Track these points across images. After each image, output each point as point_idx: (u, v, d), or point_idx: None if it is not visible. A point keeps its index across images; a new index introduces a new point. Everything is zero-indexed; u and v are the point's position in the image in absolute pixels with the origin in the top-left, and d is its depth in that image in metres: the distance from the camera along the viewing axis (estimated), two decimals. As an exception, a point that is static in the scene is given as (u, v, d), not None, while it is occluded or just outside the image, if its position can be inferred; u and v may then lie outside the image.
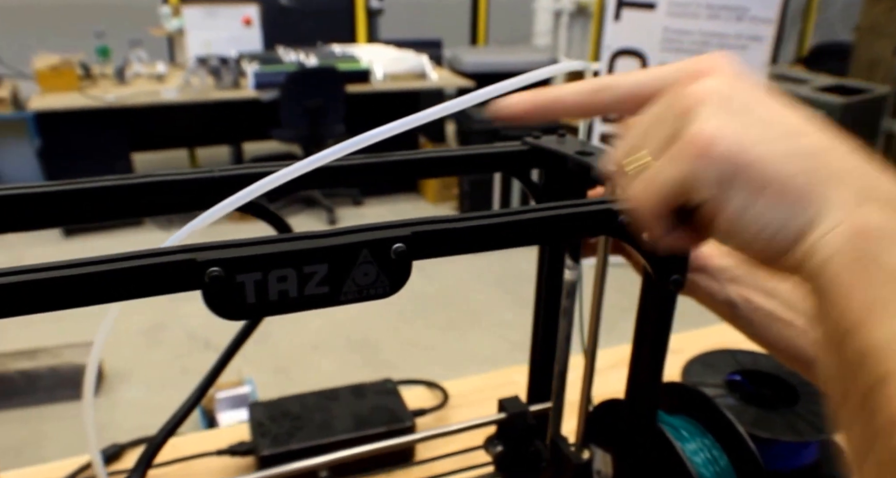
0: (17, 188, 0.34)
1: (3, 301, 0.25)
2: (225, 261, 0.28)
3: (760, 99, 0.27)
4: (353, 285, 0.31)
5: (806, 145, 0.26)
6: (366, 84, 3.37)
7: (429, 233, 0.31)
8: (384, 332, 2.47)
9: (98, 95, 2.97)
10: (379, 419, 0.74)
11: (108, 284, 0.27)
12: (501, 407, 0.53)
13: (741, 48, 2.50)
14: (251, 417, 0.75)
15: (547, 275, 0.50)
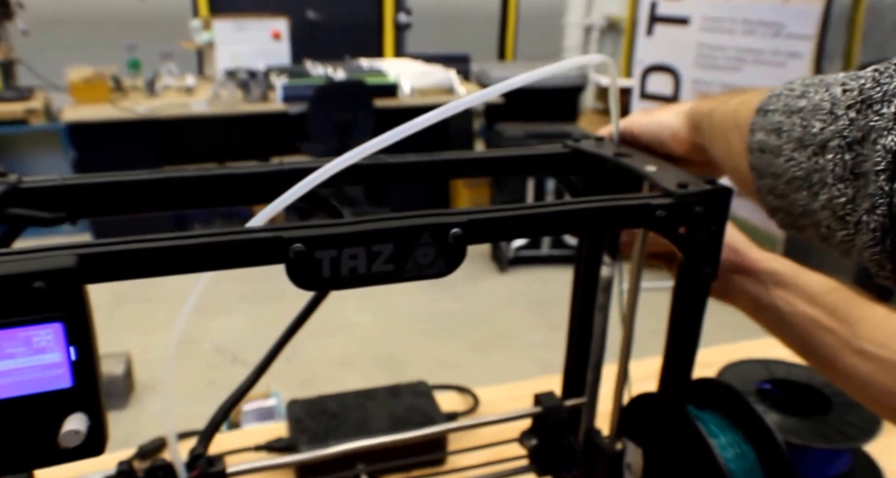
0: (115, 176, 0.40)
1: (120, 265, 0.31)
2: (306, 238, 0.33)
3: None
4: (414, 264, 0.36)
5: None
6: (393, 98, 3.46)
7: (483, 220, 0.36)
8: (412, 350, 2.51)
9: (129, 107, 3.10)
10: (414, 419, 0.78)
11: (208, 255, 0.32)
12: (537, 401, 0.57)
13: (778, 65, 2.52)
14: (289, 414, 0.80)
15: (584, 271, 0.54)
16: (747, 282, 0.49)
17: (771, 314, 0.49)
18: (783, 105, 0.35)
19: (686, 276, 0.43)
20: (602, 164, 0.48)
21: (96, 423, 0.31)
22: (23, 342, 0.29)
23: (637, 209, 0.39)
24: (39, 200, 0.40)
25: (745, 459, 0.53)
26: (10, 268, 0.28)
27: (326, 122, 3.20)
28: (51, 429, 0.31)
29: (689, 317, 0.44)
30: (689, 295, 0.44)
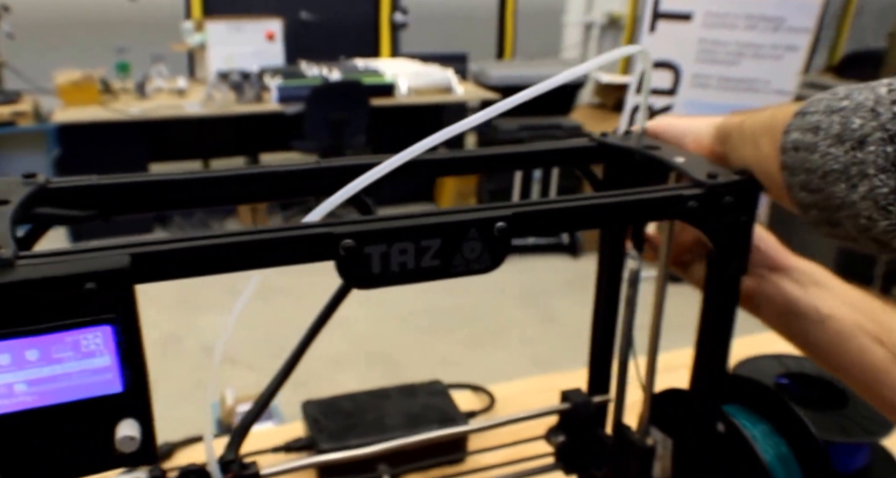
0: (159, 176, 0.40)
1: (171, 264, 0.31)
2: (357, 234, 0.33)
3: None
4: (461, 259, 0.36)
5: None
6: (390, 98, 3.46)
7: (527, 213, 0.37)
8: (406, 347, 2.51)
9: (121, 109, 3.09)
10: (432, 418, 0.79)
11: (260, 253, 0.32)
12: (565, 397, 0.57)
13: (775, 58, 2.54)
14: (305, 414, 0.80)
15: (607, 266, 0.55)
16: (782, 280, 0.48)
17: (806, 318, 0.46)
18: (824, 106, 0.36)
19: (716, 268, 0.43)
20: (628, 156, 0.48)
21: (147, 429, 0.31)
22: (71, 346, 0.29)
23: (669, 200, 0.40)
24: (67, 200, 0.40)
25: (780, 451, 0.53)
26: (63, 269, 0.28)
27: (322, 120, 3.21)
28: (103, 435, 0.31)
29: (721, 310, 0.45)
30: (720, 287, 0.44)
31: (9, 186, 0.37)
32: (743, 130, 0.43)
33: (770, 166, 0.39)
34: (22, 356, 0.28)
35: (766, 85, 2.53)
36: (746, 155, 0.41)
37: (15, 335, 0.28)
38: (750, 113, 0.44)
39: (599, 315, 0.57)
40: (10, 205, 0.34)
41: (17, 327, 0.28)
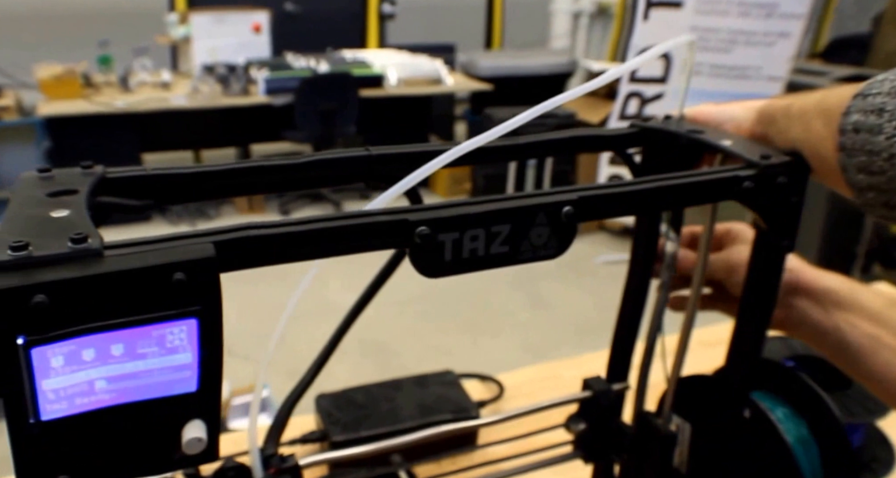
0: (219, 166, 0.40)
1: (253, 252, 0.31)
2: (431, 221, 0.33)
3: None
4: (529, 245, 0.36)
5: None
6: (379, 89, 3.45)
7: (593, 197, 0.37)
8: (397, 334, 2.51)
9: (106, 102, 3.05)
10: (444, 408, 0.79)
11: (338, 240, 0.32)
12: (586, 385, 0.58)
13: (768, 45, 2.57)
14: (318, 407, 0.80)
15: (643, 251, 0.55)
16: (808, 306, 0.50)
17: (833, 338, 0.49)
18: (889, 88, 0.37)
19: (763, 248, 0.44)
20: (672, 140, 0.49)
21: (213, 430, 0.30)
22: (156, 341, 0.28)
23: (727, 182, 0.40)
24: (123, 190, 0.39)
25: (801, 433, 0.53)
26: (151, 259, 0.28)
27: (312, 112, 3.19)
28: (170, 436, 0.30)
29: (765, 290, 0.46)
30: (766, 268, 0.45)
31: (71, 177, 0.37)
32: (790, 113, 0.43)
33: (822, 148, 0.40)
34: (107, 351, 0.27)
35: (758, 71, 2.55)
36: (795, 137, 0.42)
37: (104, 329, 0.27)
38: (796, 96, 0.44)
39: (628, 302, 0.58)
40: (79, 194, 0.34)
41: (104, 320, 0.27)
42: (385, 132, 3.54)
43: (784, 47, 2.55)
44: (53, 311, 0.26)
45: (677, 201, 0.40)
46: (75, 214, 0.31)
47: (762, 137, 0.46)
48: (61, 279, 0.26)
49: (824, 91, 0.42)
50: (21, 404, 0.26)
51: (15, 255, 0.26)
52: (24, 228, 0.29)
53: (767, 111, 0.46)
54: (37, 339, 0.25)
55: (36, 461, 0.27)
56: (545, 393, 0.60)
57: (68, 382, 0.26)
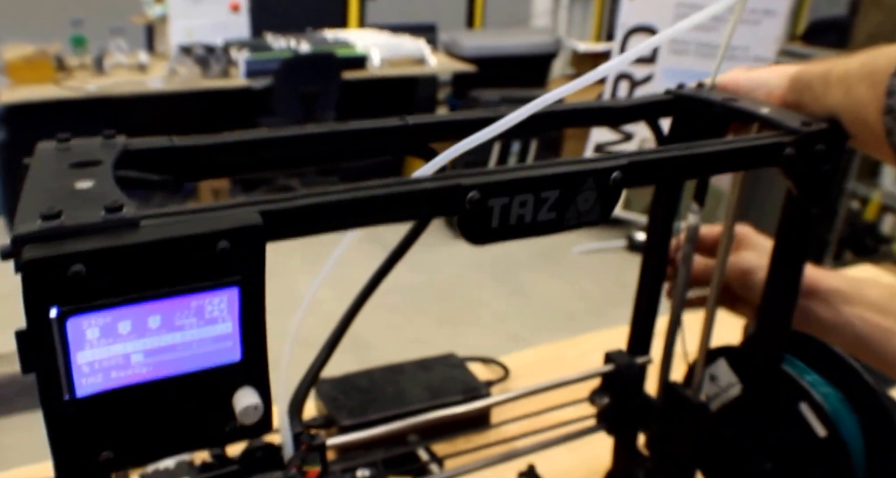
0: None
1: (300, 221, 0.29)
2: (483, 185, 0.32)
3: None
4: (575, 211, 0.35)
5: None
6: (362, 70, 3.40)
7: (642, 162, 0.36)
8: (378, 327, 2.49)
9: (78, 86, 2.96)
10: (453, 389, 0.78)
11: (390, 207, 0.31)
12: (608, 359, 0.58)
13: (754, 23, 2.57)
14: (319, 393, 0.79)
15: (661, 223, 0.54)
16: (816, 306, 0.51)
17: (845, 333, 0.51)
18: None
19: (795, 216, 0.44)
20: (706, 108, 0.48)
21: (265, 398, 0.29)
22: (195, 312, 0.27)
23: (769, 148, 0.40)
24: (145, 163, 0.38)
25: (834, 398, 0.53)
26: (198, 226, 0.26)
27: (292, 95, 3.13)
28: (219, 407, 0.29)
29: (794, 258, 0.45)
30: (797, 235, 0.45)
31: (90, 147, 0.35)
32: (829, 78, 0.42)
33: (866, 112, 0.39)
34: (144, 323, 0.26)
35: (746, 52, 2.55)
36: (834, 102, 0.41)
37: (140, 300, 0.26)
38: (833, 61, 0.44)
39: (647, 275, 0.57)
40: (104, 165, 0.32)
41: (141, 291, 0.26)
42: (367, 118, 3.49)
43: (770, 26, 2.55)
44: (90, 281, 0.24)
45: (722, 167, 0.40)
46: (102, 184, 0.30)
47: (795, 103, 0.45)
48: (100, 249, 0.25)
49: (867, 53, 0.41)
50: (55, 379, 0.25)
51: (47, 224, 0.25)
52: (48, 199, 0.27)
53: (802, 77, 0.45)
54: (72, 309, 0.24)
55: (73, 440, 0.26)
56: (552, 373, 0.59)
57: (104, 354, 0.25)
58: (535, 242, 3.29)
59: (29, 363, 0.24)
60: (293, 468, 0.40)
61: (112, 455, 0.27)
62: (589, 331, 1.00)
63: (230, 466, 0.42)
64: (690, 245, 0.53)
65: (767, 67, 0.49)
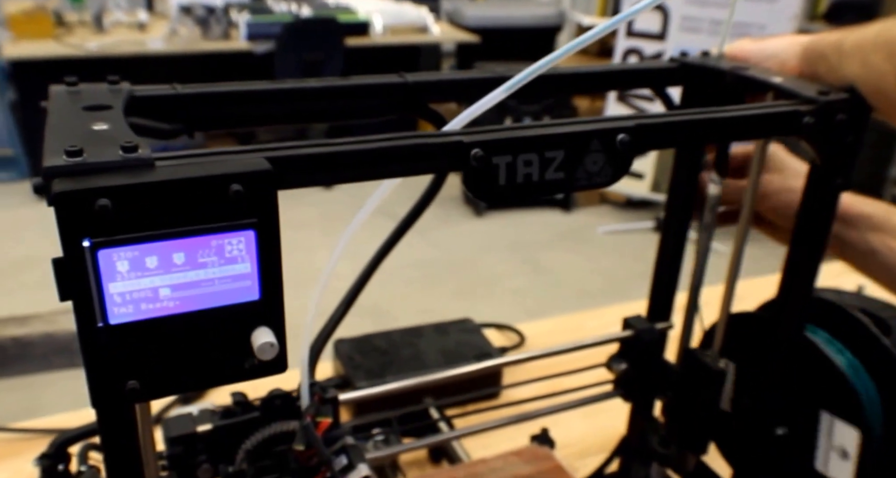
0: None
1: (309, 169, 0.30)
2: (485, 143, 0.33)
3: None
4: (584, 172, 0.36)
5: None
6: (365, 37, 3.37)
7: (649, 126, 0.36)
8: (395, 299, 2.52)
9: (78, 43, 2.93)
10: (468, 353, 0.80)
11: (394, 160, 0.32)
12: (627, 325, 0.59)
13: (770, 0, 2.54)
14: (338, 352, 0.80)
15: (682, 192, 0.55)
16: (842, 229, 0.52)
17: (871, 259, 0.51)
18: None
19: (818, 186, 0.44)
20: (717, 77, 0.48)
21: (281, 338, 0.31)
22: (215, 251, 0.28)
23: (786, 116, 0.40)
24: (151, 111, 0.38)
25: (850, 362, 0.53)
26: (211, 169, 0.27)
27: (294, 61, 3.10)
28: (239, 344, 0.30)
29: (817, 227, 0.46)
30: (819, 205, 0.45)
31: (99, 92, 0.35)
32: (843, 48, 0.42)
33: (884, 83, 0.39)
34: (169, 259, 0.27)
35: (761, 30, 2.53)
36: (850, 73, 0.42)
37: (164, 237, 0.27)
38: (847, 31, 0.43)
39: (668, 241, 0.57)
40: (115, 109, 0.33)
41: (165, 229, 0.27)
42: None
43: (788, 3, 2.52)
44: (116, 216, 0.26)
45: (735, 135, 0.40)
46: (116, 127, 0.31)
47: (810, 74, 0.45)
48: (122, 185, 0.26)
49: (882, 23, 0.41)
50: (89, 306, 0.26)
51: (71, 160, 0.26)
52: (69, 139, 0.28)
53: (815, 47, 0.45)
54: (103, 241, 0.26)
55: (105, 366, 0.28)
56: (569, 341, 0.58)
57: (134, 286, 0.27)
58: (560, 223, 3.29)
59: (66, 291, 0.26)
60: (308, 417, 0.42)
61: (138, 385, 0.28)
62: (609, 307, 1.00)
63: (251, 413, 0.43)
64: (711, 214, 0.53)
65: (776, 37, 0.49)
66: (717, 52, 0.51)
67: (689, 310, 0.56)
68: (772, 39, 0.49)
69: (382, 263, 0.50)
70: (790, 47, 0.47)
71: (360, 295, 0.49)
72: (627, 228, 3.18)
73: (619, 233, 3.15)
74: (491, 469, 0.61)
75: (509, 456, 0.63)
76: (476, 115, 0.33)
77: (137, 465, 0.32)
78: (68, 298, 0.26)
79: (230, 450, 0.45)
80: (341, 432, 0.45)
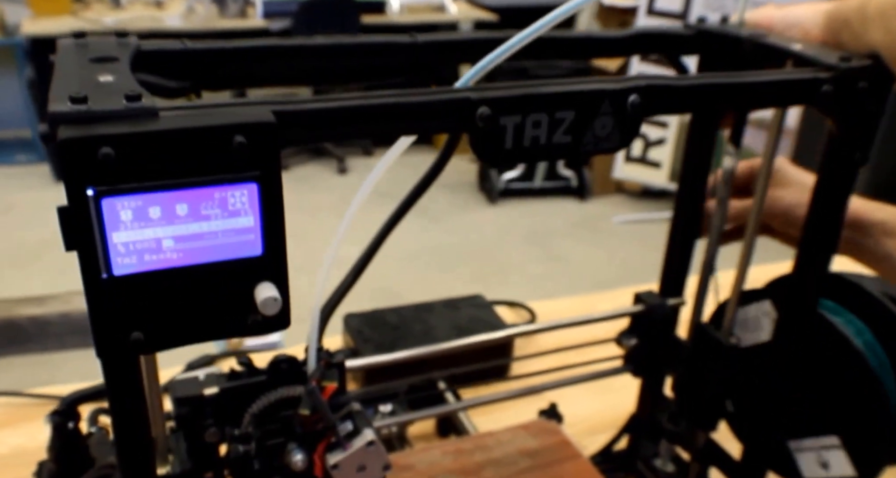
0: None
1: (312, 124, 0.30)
2: (493, 101, 0.32)
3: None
4: (592, 136, 0.35)
5: None
6: (381, 15, 3.35)
7: (661, 87, 0.36)
8: (409, 285, 2.53)
9: (95, 19, 2.95)
10: (478, 329, 0.80)
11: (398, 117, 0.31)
12: (638, 299, 0.58)
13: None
14: (348, 326, 0.81)
15: (695, 163, 0.54)
16: (857, 236, 0.52)
17: (887, 265, 0.51)
18: None
19: (836, 159, 0.43)
20: (734, 45, 0.47)
21: (284, 294, 0.31)
22: (218, 203, 0.28)
23: (804, 84, 0.39)
24: (159, 67, 0.38)
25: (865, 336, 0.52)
26: (215, 119, 0.27)
27: (311, 40, 3.10)
28: (242, 300, 0.30)
29: (833, 203, 0.45)
30: (839, 176, 0.44)
31: (106, 45, 0.35)
32: (867, 14, 0.42)
33: None
34: (172, 210, 0.27)
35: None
36: (874, 40, 0.41)
37: (168, 188, 0.27)
38: None
39: (681, 215, 0.57)
40: (121, 62, 0.33)
41: (168, 179, 0.27)
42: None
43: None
44: (119, 164, 0.26)
45: (751, 102, 0.39)
46: (122, 78, 0.31)
47: (834, 43, 0.44)
48: (125, 133, 0.26)
49: None
50: (94, 257, 0.26)
51: (76, 107, 0.26)
52: (75, 88, 0.28)
53: (838, 14, 0.44)
54: (106, 190, 0.26)
55: (109, 317, 0.28)
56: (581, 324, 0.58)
57: (137, 237, 0.27)
58: (576, 212, 3.27)
59: (71, 241, 0.26)
60: (313, 381, 0.42)
61: (142, 337, 0.28)
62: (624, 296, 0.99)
63: (257, 376, 0.44)
64: (727, 187, 0.53)
65: (800, 4, 0.48)
66: (737, 18, 0.50)
67: (702, 283, 0.56)
68: (795, 7, 0.48)
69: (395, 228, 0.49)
70: (814, 15, 0.46)
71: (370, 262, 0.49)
72: (643, 218, 3.15)
73: (636, 223, 3.13)
74: (498, 442, 0.61)
75: (517, 429, 0.63)
76: (482, 74, 0.33)
77: (143, 419, 0.32)
78: (73, 248, 0.27)
79: (236, 414, 0.46)
80: (348, 398, 0.46)
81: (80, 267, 0.27)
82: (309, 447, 0.42)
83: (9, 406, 0.75)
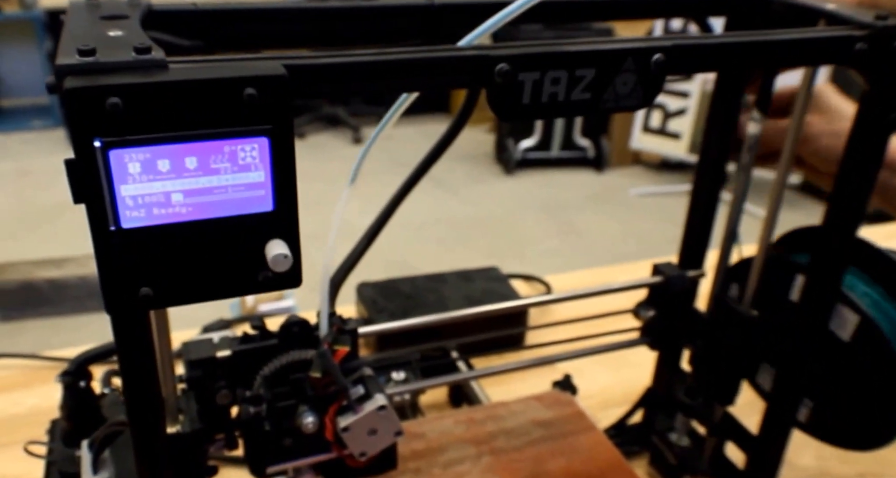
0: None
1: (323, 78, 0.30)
2: (513, 57, 0.32)
3: None
4: (613, 94, 0.35)
5: None
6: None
7: (687, 47, 0.35)
8: (424, 256, 2.53)
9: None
10: (492, 301, 0.80)
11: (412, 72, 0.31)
12: (657, 271, 0.58)
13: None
14: (361, 295, 0.81)
15: (719, 130, 0.53)
16: (890, 176, 0.50)
17: None
18: None
19: (868, 120, 0.42)
20: (764, 5, 0.46)
21: (295, 251, 0.31)
22: (228, 157, 0.28)
23: (837, 41, 0.38)
24: (170, 27, 0.38)
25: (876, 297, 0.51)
26: (225, 72, 0.27)
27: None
28: (253, 256, 0.30)
29: (865, 167, 0.44)
30: (871, 138, 0.43)
31: (117, 5, 0.35)
32: None
33: None
34: (181, 163, 0.27)
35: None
36: None
37: (177, 140, 0.27)
38: None
39: (703, 185, 0.56)
40: (132, 19, 0.33)
41: (177, 132, 0.27)
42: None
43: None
44: (127, 115, 0.25)
45: (778, 60, 0.38)
46: (131, 33, 0.31)
47: (871, 3, 0.43)
48: (133, 83, 0.26)
49: None
50: (102, 209, 0.26)
51: (84, 59, 0.26)
52: (84, 42, 0.28)
53: None
54: (114, 141, 0.26)
55: (118, 271, 0.28)
56: (598, 294, 0.58)
57: (146, 190, 0.27)
58: (593, 184, 3.24)
59: (79, 193, 0.26)
60: (325, 345, 0.42)
61: (151, 292, 0.28)
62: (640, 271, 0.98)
63: (270, 340, 0.44)
64: (751, 155, 0.52)
65: None
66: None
67: (723, 254, 0.55)
68: None
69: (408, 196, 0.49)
70: None
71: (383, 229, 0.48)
72: (661, 190, 3.12)
73: (653, 196, 3.10)
74: (511, 412, 0.62)
75: (530, 400, 0.63)
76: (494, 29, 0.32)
77: (153, 376, 0.33)
78: (81, 201, 0.27)
79: (248, 376, 0.46)
80: (360, 362, 0.46)
81: (89, 220, 0.27)
82: (320, 410, 0.43)
83: (25, 368, 0.77)
